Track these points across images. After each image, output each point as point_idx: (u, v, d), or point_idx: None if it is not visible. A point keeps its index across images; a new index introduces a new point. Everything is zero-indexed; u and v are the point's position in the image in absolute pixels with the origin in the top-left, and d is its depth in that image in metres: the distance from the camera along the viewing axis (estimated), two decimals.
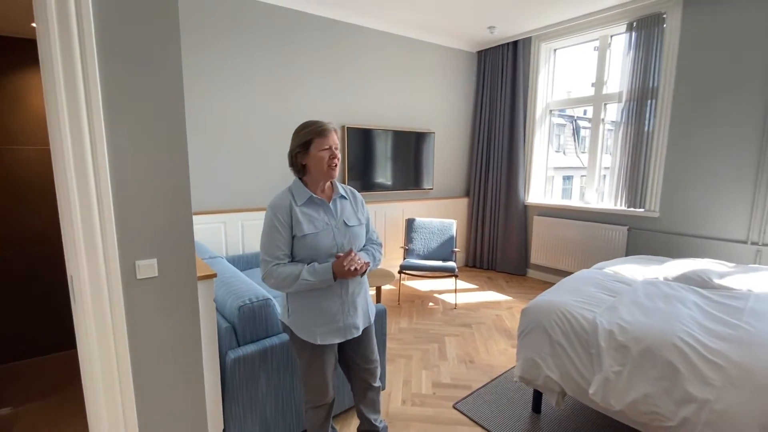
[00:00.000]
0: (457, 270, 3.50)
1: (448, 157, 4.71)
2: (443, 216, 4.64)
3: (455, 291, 3.83)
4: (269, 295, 1.74)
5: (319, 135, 1.35)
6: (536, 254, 4.31)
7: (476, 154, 4.72)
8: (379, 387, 1.63)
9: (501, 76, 4.40)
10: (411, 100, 4.27)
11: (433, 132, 4.42)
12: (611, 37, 3.71)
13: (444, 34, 4.21)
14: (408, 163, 4.29)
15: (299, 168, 1.42)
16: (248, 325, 1.66)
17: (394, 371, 2.45)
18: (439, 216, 4.60)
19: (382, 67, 3.99)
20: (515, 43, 4.26)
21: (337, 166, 1.38)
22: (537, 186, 4.45)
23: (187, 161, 1.25)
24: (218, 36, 3.07)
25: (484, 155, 4.66)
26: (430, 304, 3.62)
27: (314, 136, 1.35)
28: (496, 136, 4.50)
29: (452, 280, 4.21)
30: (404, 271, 3.58)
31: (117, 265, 1.16)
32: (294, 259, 1.38)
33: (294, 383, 1.76)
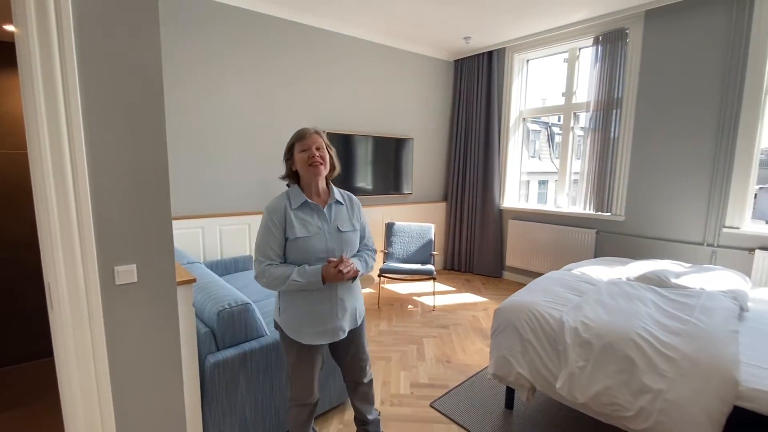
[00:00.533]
0: (435, 273, 3.59)
1: (426, 162, 4.81)
2: (422, 220, 4.73)
3: (434, 293, 3.91)
4: (248, 300, 1.77)
5: (298, 139, 1.43)
6: (511, 257, 4.45)
7: (453, 159, 4.85)
8: (370, 382, 1.71)
9: (477, 85, 4.55)
10: (390, 106, 4.35)
11: (411, 138, 4.52)
12: (579, 49, 3.91)
13: (422, 43, 4.33)
14: (388, 169, 4.37)
15: (292, 175, 1.49)
16: (227, 329, 1.68)
17: (374, 373, 2.48)
18: (419, 220, 4.69)
19: (362, 75, 4.06)
20: (490, 53, 4.41)
21: (319, 165, 1.42)
22: (511, 191, 4.60)
23: (166, 166, 1.27)
24: (198, 41, 3.07)
25: (461, 161, 4.78)
26: (410, 306, 3.69)
27: (295, 140, 1.44)
28: (473, 143, 4.64)
29: (431, 282, 4.29)
30: (384, 275, 3.63)
31: (95, 270, 1.17)
32: (286, 260, 1.42)
33: (273, 386, 1.79)
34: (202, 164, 3.20)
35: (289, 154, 1.46)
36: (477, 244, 4.71)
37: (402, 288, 4.21)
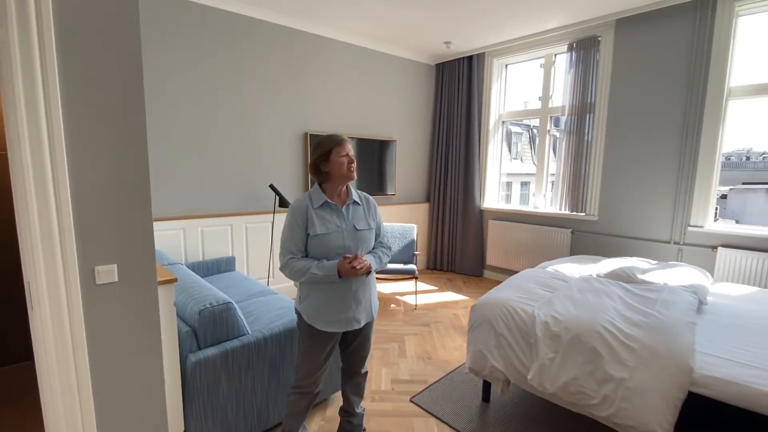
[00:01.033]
0: (417, 272, 3.66)
1: (409, 163, 4.89)
2: (406, 220, 4.81)
3: (415, 293, 3.98)
4: (230, 300, 1.80)
5: (337, 145, 1.55)
6: (491, 256, 4.57)
7: (436, 161, 4.94)
8: (365, 374, 1.82)
9: (457, 88, 4.65)
10: (374, 108, 4.41)
11: (395, 140, 4.59)
12: (555, 55, 4.05)
13: (404, 47, 4.40)
14: (372, 170, 4.42)
15: (322, 174, 1.58)
16: (209, 328, 1.71)
17: None
18: (402, 221, 4.76)
19: (345, 77, 4.11)
20: (470, 58, 4.52)
21: (354, 170, 1.58)
22: (491, 192, 4.72)
23: (147, 166, 1.29)
24: (179, 42, 3.06)
25: (443, 162, 4.88)
26: (392, 305, 3.75)
27: (334, 146, 1.55)
28: (454, 145, 4.74)
29: (413, 282, 4.36)
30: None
31: (76, 270, 1.18)
32: (307, 254, 1.56)
33: (255, 385, 1.82)
34: (184, 165, 3.19)
35: (326, 156, 1.55)
36: (459, 244, 4.81)
37: (385, 287, 4.27)
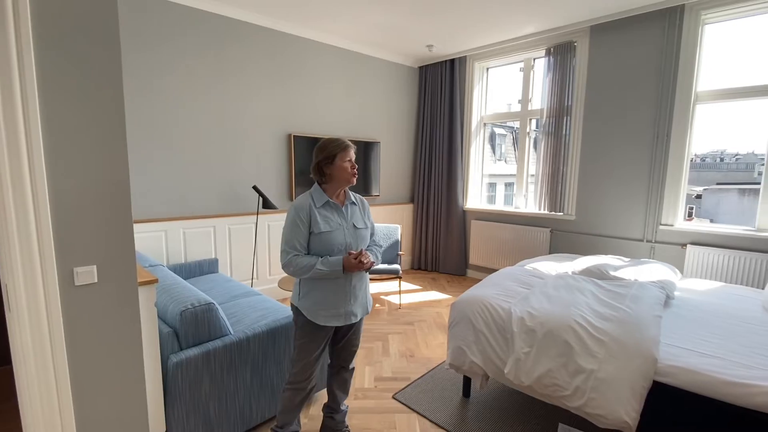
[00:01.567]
0: (401, 272, 3.70)
1: (393, 165, 4.94)
2: (390, 221, 4.85)
3: (399, 292, 4.03)
4: (211, 300, 1.81)
5: (343, 150, 1.63)
6: (474, 255, 4.65)
7: (419, 162, 5.00)
8: (353, 369, 1.88)
9: (440, 91, 4.73)
10: (358, 110, 4.45)
11: (379, 141, 4.63)
12: (534, 60, 4.16)
13: (388, 49, 4.46)
14: (357, 171, 4.44)
15: (324, 176, 1.65)
16: (190, 329, 1.71)
17: None
18: (387, 221, 4.80)
19: (329, 79, 4.13)
20: (452, 61, 4.60)
21: (356, 175, 1.67)
22: (474, 192, 4.81)
23: (127, 165, 1.30)
24: (160, 43, 3.04)
25: (427, 164, 4.95)
26: (377, 305, 3.79)
27: (339, 150, 1.63)
28: (437, 146, 4.82)
29: (397, 282, 4.41)
30: None
31: (54, 272, 1.19)
32: (309, 252, 1.61)
33: (238, 384, 1.83)
34: (166, 166, 3.17)
35: (330, 160, 1.63)
36: (442, 244, 4.88)
37: (369, 288, 4.29)
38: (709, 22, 3.13)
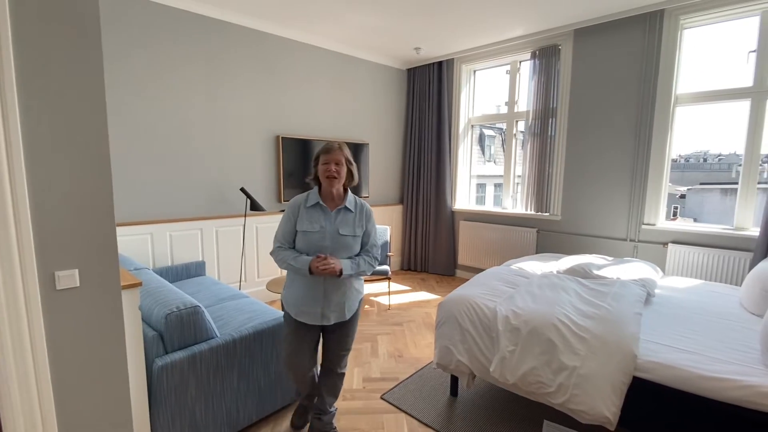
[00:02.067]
0: (390, 273, 3.72)
1: (382, 166, 4.96)
2: (380, 222, 4.87)
3: (389, 293, 4.05)
4: (197, 303, 1.80)
5: (324, 152, 1.70)
6: (463, 255, 4.69)
7: (408, 163, 5.03)
8: (342, 374, 1.90)
9: (428, 93, 4.77)
10: (346, 112, 4.46)
11: (367, 143, 4.65)
12: (519, 62, 4.22)
13: (376, 52, 4.48)
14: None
15: (315, 178, 1.75)
16: (176, 332, 1.70)
17: None
18: (376, 222, 4.80)
19: (318, 81, 4.14)
20: (440, 63, 4.65)
21: (333, 179, 1.68)
22: (462, 193, 4.86)
23: (109, 166, 1.28)
24: (146, 44, 3.02)
25: (415, 165, 4.98)
26: (366, 306, 3.80)
27: (321, 153, 1.70)
28: (425, 148, 4.85)
29: (386, 283, 4.42)
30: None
31: (35, 276, 1.17)
32: (294, 247, 1.72)
33: (225, 386, 1.83)
34: (152, 168, 3.14)
35: (316, 161, 1.72)
36: (431, 245, 4.92)
37: (357, 294, 4.30)
38: (687, 26, 3.22)
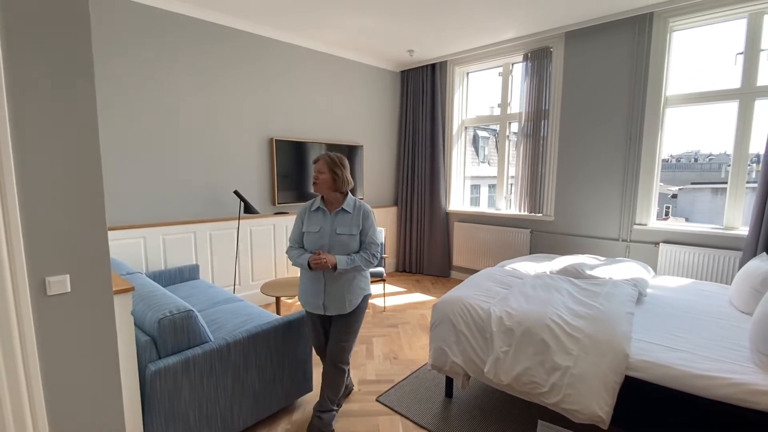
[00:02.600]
0: (385, 275, 3.73)
1: (377, 168, 4.97)
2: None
3: (384, 295, 4.05)
4: (191, 307, 1.79)
5: (314, 163, 1.93)
6: (457, 257, 4.71)
7: (402, 165, 5.05)
8: (342, 369, 1.97)
9: (422, 95, 4.79)
10: (340, 114, 4.46)
11: (362, 145, 4.66)
12: (512, 65, 4.26)
13: (369, 54, 4.49)
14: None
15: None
16: (169, 337, 1.69)
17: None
18: None
19: (311, 84, 4.14)
20: (433, 66, 4.67)
21: (316, 185, 1.90)
22: (456, 195, 4.88)
23: (100, 171, 1.27)
24: (140, 47, 3.00)
25: (410, 167, 4.99)
26: None
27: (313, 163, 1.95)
28: (419, 150, 4.87)
29: (381, 284, 4.42)
30: None
31: (26, 281, 1.16)
32: (302, 246, 1.96)
33: (219, 390, 1.82)
34: (144, 172, 3.12)
35: None
36: (426, 246, 4.93)
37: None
38: (676, 29, 3.26)
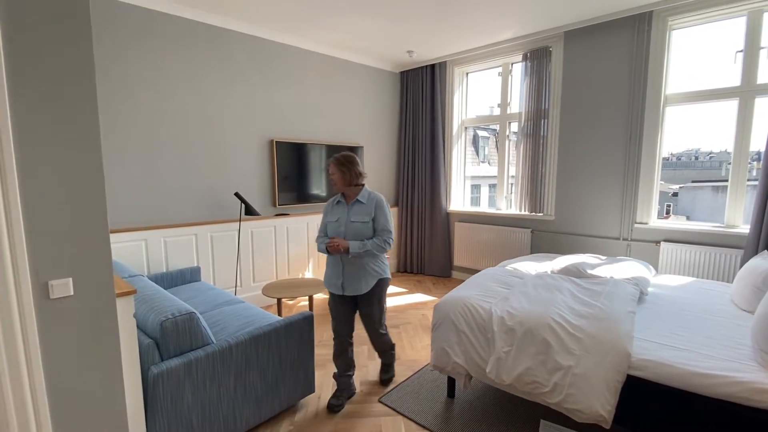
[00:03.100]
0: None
1: (377, 169, 4.97)
2: None
3: None
4: (193, 309, 1.80)
5: (326, 168, 2.22)
6: (458, 257, 4.71)
7: (403, 166, 5.05)
8: (382, 333, 2.33)
9: (422, 95, 4.79)
10: (340, 115, 4.47)
11: (362, 146, 4.66)
12: (511, 64, 4.26)
13: (368, 55, 4.50)
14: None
15: None
16: (171, 339, 1.70)
17: (325, 376, 2.58)
18: None
19: (311, 85, 4.14)
20: (432, 66, 4.67)
21: (333, 184, 2.22)
22: (457, 195, 4.88)
23: (102, 174, 1.27)
24: (140, 50, 3.01)
25: (410, 167, 5.00)
26: None
27: None
28: (420, 150, 4.87)
29: None
30: None
31: (29, 285, 1.17)
32: (326, 235, 2.22)
33: (221, 392, 1.82)
34: (146, 175, 3.13)
35: None
36: (427, 247, 4.93)
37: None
38: (675, 27, 3.26)
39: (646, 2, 3.18)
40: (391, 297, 4.15)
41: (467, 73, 4.70)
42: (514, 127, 4.32)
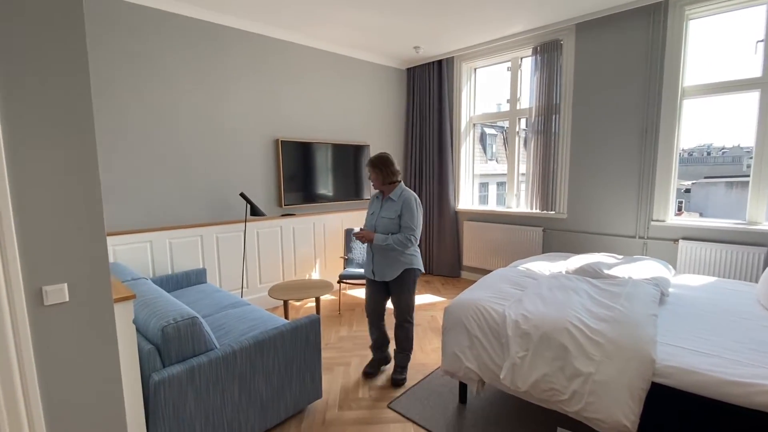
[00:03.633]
0: None
1: None
2: None
3: None
4: (195, 314, 1.74)
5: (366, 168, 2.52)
6: (468, 256, 4.62)
7: (410, 164, 4.97)
8: (406, 327, 2.45)
9: (428, 92, 4.70)
10: (347, 114, 4.40)
11: (368, 144, 4.59)
12: (521, 59, 4.15)
13: (374, 52, 4.42)
14: (348, 175, 4.41)
15: None
16: (173, 345, 1.64)
17: (332, 379, 2.51)
18: None
19: (316, 83, 4.08)
20: (440, 62, 4.58)
21: (373, 184, 2.43)
22: (465, 193, 4.78)
23: (98, 177, 1.23)
24: (142, 50, 2.97)
25: (417, 166, 4.91)
26: None
27: None
28: (427, 148, 4.78)
29: None
30: (344, 281, 3.66)
31: (21, 291, 1.12)
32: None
33: (225, 398, 1.77)
34: (150, 176, 3.09)
35: None
36: (435, 246, 4.84)
37: (362, 293, 4.24)
38: (693, 17, 3.13)
39: None
40: None
41: (475, 69, 4.60)
42: (524, 123, 4.22)
